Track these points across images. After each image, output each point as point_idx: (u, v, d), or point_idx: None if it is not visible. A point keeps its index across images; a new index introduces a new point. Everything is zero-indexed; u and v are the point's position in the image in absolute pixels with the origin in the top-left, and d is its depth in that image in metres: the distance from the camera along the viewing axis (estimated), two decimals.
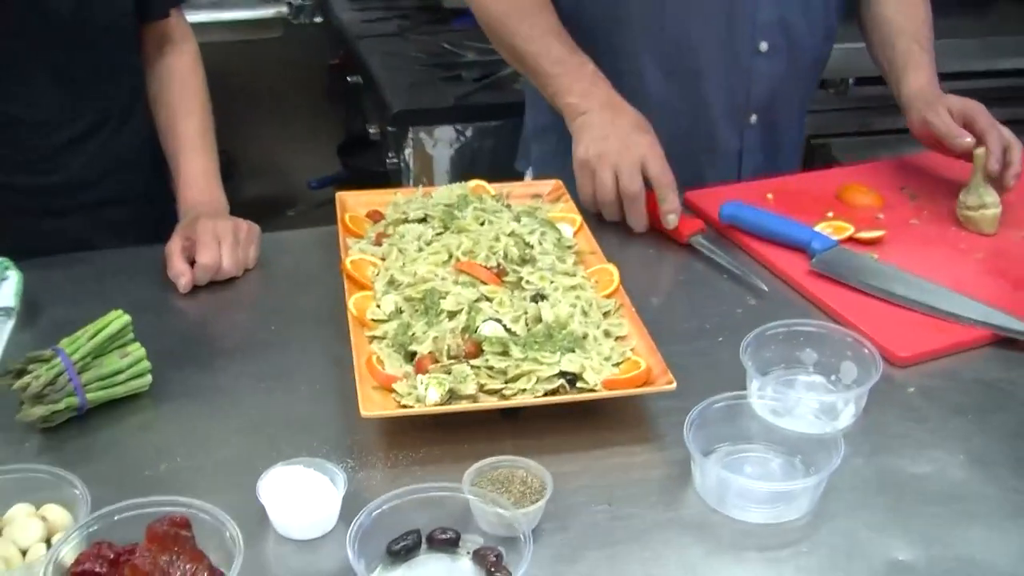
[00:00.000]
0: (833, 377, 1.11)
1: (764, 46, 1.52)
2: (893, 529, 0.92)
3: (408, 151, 2.23)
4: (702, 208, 1.43)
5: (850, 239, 1.35)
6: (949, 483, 0.97)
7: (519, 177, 1.79)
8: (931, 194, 1.48)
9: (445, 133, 2.23)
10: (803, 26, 1.54)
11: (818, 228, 1.35)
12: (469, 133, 2.25)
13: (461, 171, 2.25)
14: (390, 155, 2.34)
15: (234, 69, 1.82)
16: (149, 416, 1.04)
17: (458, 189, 1.35)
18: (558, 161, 1.65)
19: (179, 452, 0.99)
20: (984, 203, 1.37)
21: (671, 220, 1.34)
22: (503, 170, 2.19)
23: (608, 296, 1.18)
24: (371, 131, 2.49)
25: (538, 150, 1.72)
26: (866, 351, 1.07)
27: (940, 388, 1.10)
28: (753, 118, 1.59)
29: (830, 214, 1.41)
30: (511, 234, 1.24)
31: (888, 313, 1.20)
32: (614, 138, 1.37)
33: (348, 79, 2.66)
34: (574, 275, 1.20)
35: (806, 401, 1.02)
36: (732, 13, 1.49)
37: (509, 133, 2.23)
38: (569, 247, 1.28)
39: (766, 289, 1.25)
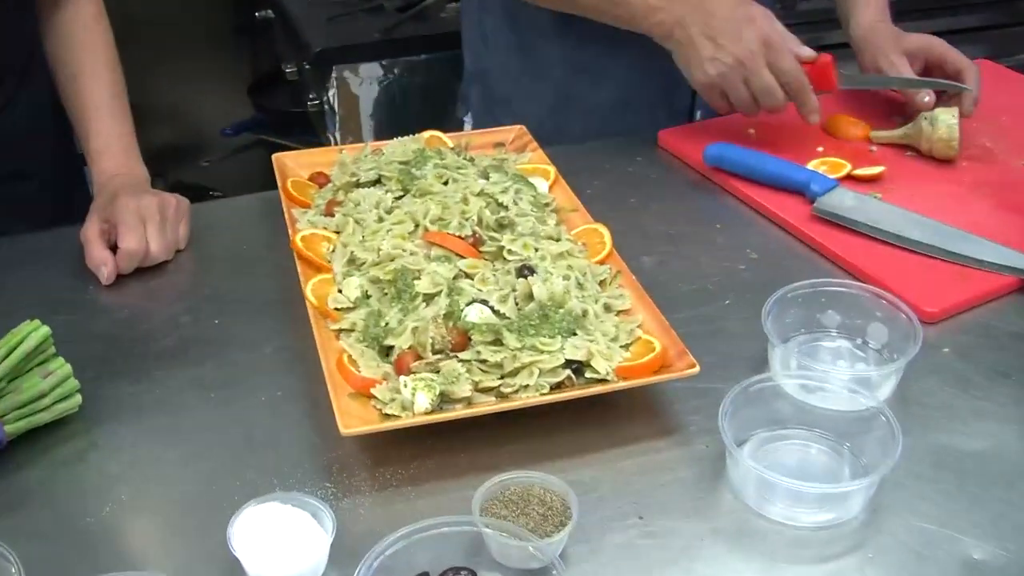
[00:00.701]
0: (859, 341, 0.98)
1: None
2: (960, 522, 0.81)
3: (332, 92, 2.05)
4: (681, 151, 1.29)
5: (848, 177, 1.22)
6: (1011, 460, 0.86)
7: (459, 123, 1.63)
8: None
9: (371, 71, 2.05)
10: None
11: (812, 166, 1.22)
12: (397, 70, 2.07)
13: (392, 111, 2.08)
14: (311, 96, 2.15)
15: (129, 5, 1.62)
16: (81, 445, 0.88)
17: (412, 143, 1.18)
18: (500, 109, 1.50)
19: (123, 489, 0.83)
20: (951, 128, 1.25)
21: (813, 118, 1.23)
22: (437, 110, 2.04)
23: (601, 262, 1.04)
24: (287, 70, 2.29)
25: (478, 96, 1.55)
26: (902, 315, 0.94)
27: (977, 347, 0.99)
28: None
29: (820, 149, 1.28)
30: (481, 194, 1.09)
31: (906, 262, 1.08)
32: (726, 44, 1.20)
33: (256, 14, 2.44)
34: (559, 239, 1.06)
35: (837, 375, 0.90)
36: None
37: (441, 69, 2.06)
38: (547, 205, 1.13)
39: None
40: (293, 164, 1.20)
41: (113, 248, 1.08)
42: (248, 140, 2.77)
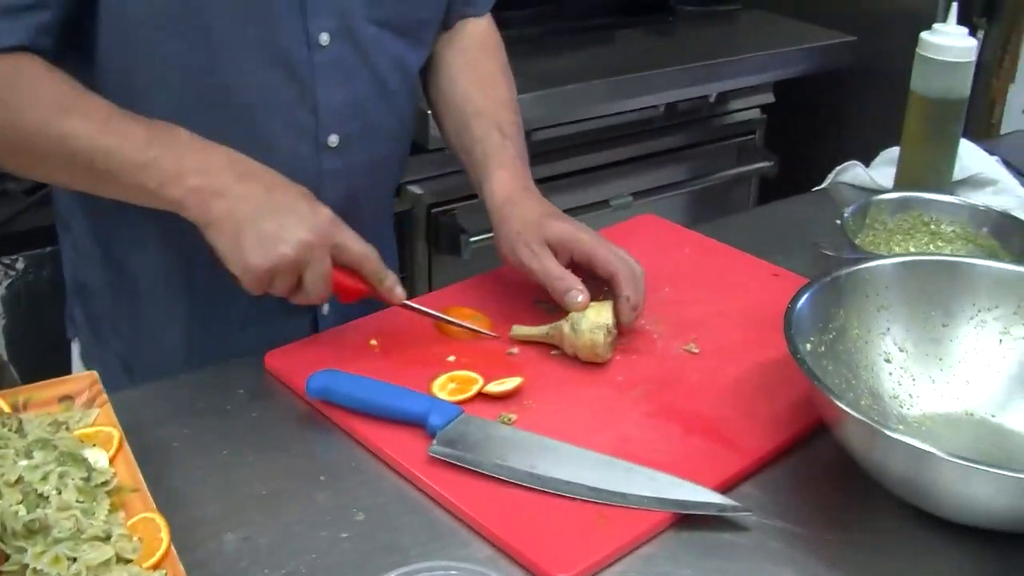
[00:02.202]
0: None
1: (334, 139, 1.18)
2: None
3: None
4: (288, 378, 1.07)
5: (480, 395, 1.03)
6: None
7: None
8: None
9: None
10: (376, 107, 1.21)
11: (438, 385, 1.03)
12: (21, 265, 1.78)
13: (17, 315, 1.79)
14: None
15: None
16: None
17: None
18: (110, 328, 1.26)
19: None
20: (595, 337, 1.07)
21: (398, 294, 1.06)
22: None
23: (157, 565, 0.81)
24: None
25: (84, 315, 1.31)
26: None
27: None
28: None
29: (451, 359, 1.09)
30: (18, 482, 0.84)
31: (538, 507, 0.89)
32: (287, 235, 0.98)
33: None
34: (107, 538, 0.82)
35: None
36: (290, 102, 1.14)
37: None
38: (103, 484, 0.89)
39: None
40: None
41: None
42: None
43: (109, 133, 1.00)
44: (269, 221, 0.98)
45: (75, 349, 1.34)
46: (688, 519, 0.88)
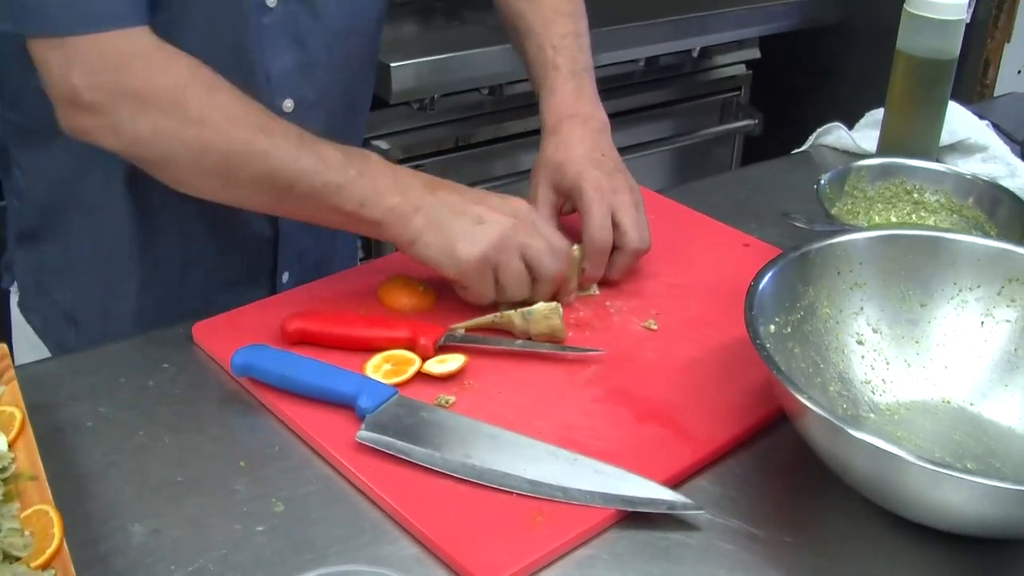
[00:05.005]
0: None
1: (288, 104, 1.11)
2: None
3: None
4: (216, 352, 0.99)
5: (420, 375, 0.95)
6: None
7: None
8: None
9: None
10: (330, 68, 1.14)
11: (373, 365, 0.95)
12: None
13: None
14: None
15: None
16: None
17: None
18: (55, 278, 1.19)
19: None
20: (551, 322, 1.00)
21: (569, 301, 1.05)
22: None
23: (47, 564, 0.73)
24: None
25: (27, 264, 1.22)
26: None
27: None
28: None
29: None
30: None
31: (471, 501, 0.82)
32: (489, 217, 0.98)
33: None
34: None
35: None
36: (241, 67, 1.06)
37: None
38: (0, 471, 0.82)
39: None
40: None
41: None
42: None
43: (307, 154, 0.96)
44: (467, 215, 0.98)
45: (13, 299, 1.27)
46: (634, 517, 0.81)
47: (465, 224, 0.97)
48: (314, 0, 1.08)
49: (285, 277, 1.21)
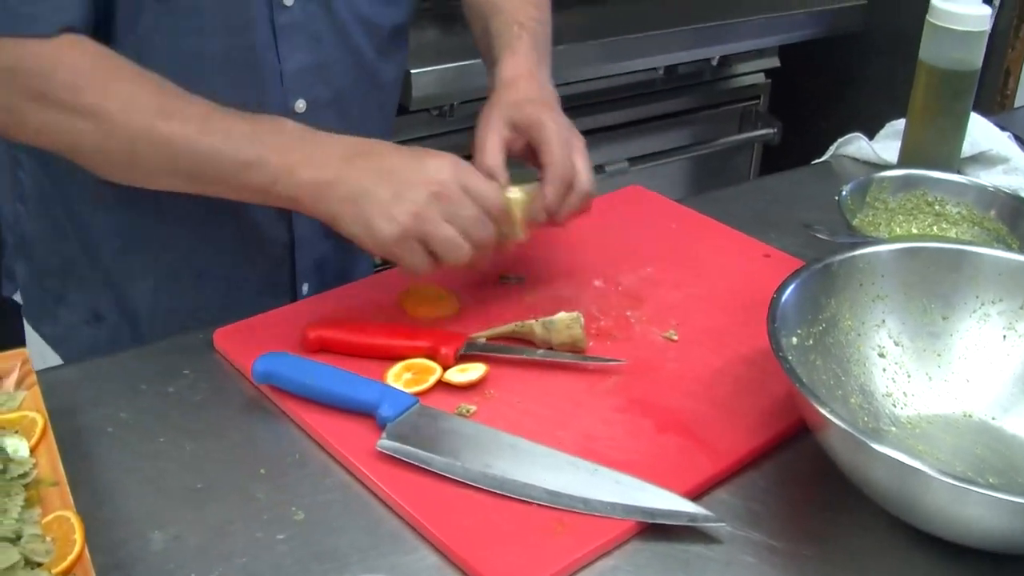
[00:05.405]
0: None
1: (301, 105, 1.11)
2: None
3: None
4: (237, 359, 1.00)
5: (440, 384, 0.95)
6: None
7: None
8: (541, 279, 1.11)
9: None
10: (345, 70, 1.14)
11: (394, 373, 0.95)
12: None
13: None
14: None
15: None
16: None
17: None
18: (68, 281, 1.19)
19: None
20: (573, 333, 0.99)
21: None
22: None
23: (68, 569, 0.73)
24: None
25: (30, 269, 1.22)
26: None
27: None
28: None
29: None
30: None
31: (490, 511, 0.82)
32: (408, 191, 0.93)
33: None
34: (18, 539, 0.75)
35: None
36: (254, 66, 1.07)
37: None
38: (20, 478, 0.82)
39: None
40: None
41: None
42: None
43: (209, 133, 0.94)
44: (385, 188, 0.92)
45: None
46: (654, 528, 0.81)
47: (382, 199, 0.92)
48: (329, 1, 1.08)
49: (305, 289, 1.21)
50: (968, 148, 1.37)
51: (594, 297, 1.07)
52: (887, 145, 1.47)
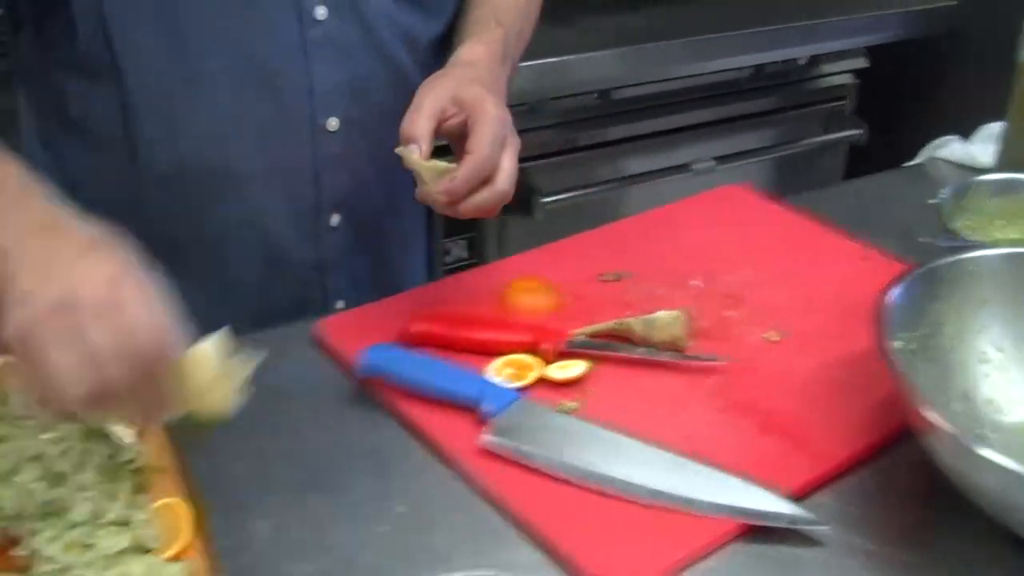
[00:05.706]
0: None
1: (334, 123, 1.08)
2: None
3: None
4: (337, 350, 1.01)
5: (541, 380, 0.96)
6: None
7: None
8: (644, 275, 1.12)
9: None
10: (386, 83, 1.09)
11: (495, 368, 0.96)
12: None
13: None
14: None
15: None
16: None
17: None
18: None
19: None
20: (673, 331, 0.99)
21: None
22: None
23: (178, 555, 0.75)
24: None
25: None
26: None
27: None
28: (335, 219, 1.14)
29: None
30: (35, 458, 0.80)
31: (595, 510, 0.82)
32: (33, 298, 0.71)
33: None
34: (126, 524, 0.77)
35: None
36: (270, 83, 1.04)
37: None
38: (127, 463, 0.84)
39: None
40: None
41: None
42: None
43: None
44: (17, 286, 0.72)
45: None
46: (756, 530, 0.81)
47: (12, 298, 0.72)
48: (364, 14, 1.04)
49: (340, 304, 1.18)
50: None
51: (692, 296, 1.07)
52: (982, 148, 1.45)
